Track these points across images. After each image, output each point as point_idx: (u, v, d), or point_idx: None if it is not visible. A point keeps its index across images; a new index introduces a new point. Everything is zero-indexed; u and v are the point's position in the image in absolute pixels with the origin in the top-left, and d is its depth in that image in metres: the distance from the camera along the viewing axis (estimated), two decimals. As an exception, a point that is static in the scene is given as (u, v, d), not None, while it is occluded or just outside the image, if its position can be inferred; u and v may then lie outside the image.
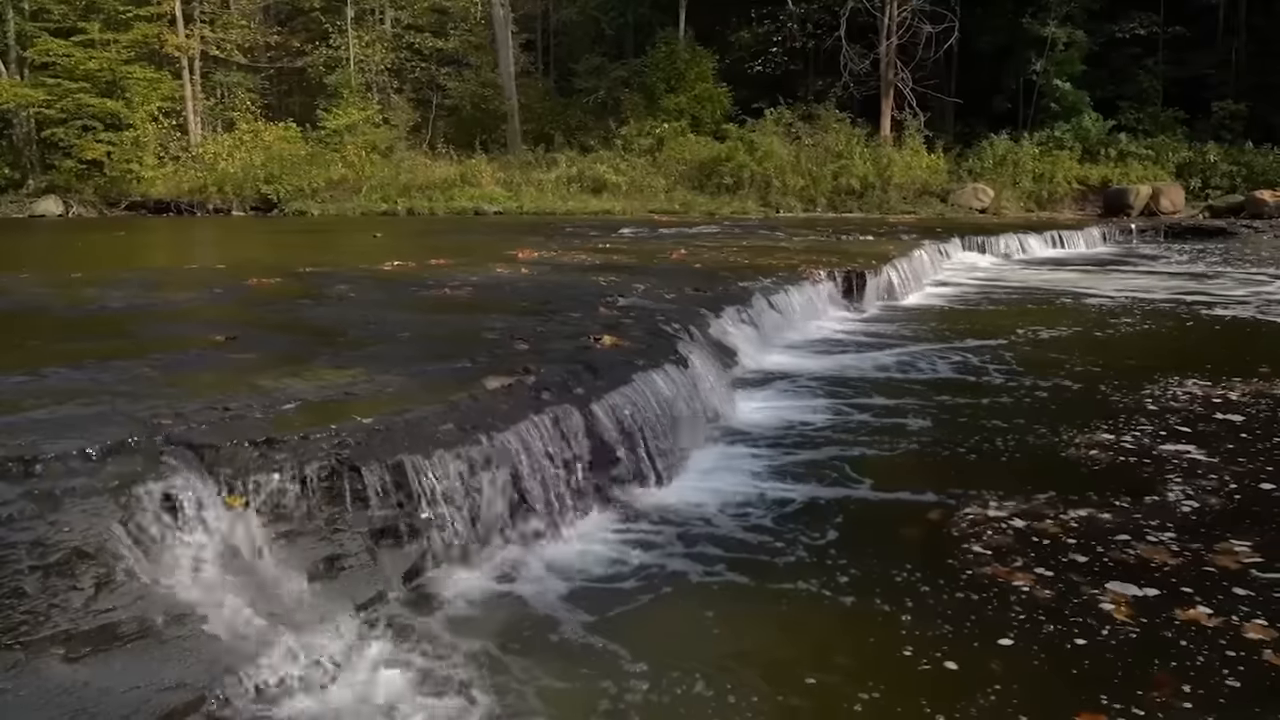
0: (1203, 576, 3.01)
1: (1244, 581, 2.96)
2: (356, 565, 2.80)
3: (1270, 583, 2.95)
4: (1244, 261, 13.68)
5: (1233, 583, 2.95)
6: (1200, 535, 3.34)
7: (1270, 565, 3.07)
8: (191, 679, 2.28)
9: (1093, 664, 2.50)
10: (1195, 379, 5.73)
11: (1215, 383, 5.63)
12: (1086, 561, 3.13)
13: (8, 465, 2.45)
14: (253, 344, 4.45)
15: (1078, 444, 4.47)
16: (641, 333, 5.08)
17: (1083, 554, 3.19)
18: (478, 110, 30.82)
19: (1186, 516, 3.52)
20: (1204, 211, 21.36)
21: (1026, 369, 6.17)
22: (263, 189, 25.80)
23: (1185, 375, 5.83)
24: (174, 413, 3.01)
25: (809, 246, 11.77)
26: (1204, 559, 3.14)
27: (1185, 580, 2.98)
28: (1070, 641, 2.61)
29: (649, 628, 2.77)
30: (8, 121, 28.30)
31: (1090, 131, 24.43)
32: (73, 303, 6.09)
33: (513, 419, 3.42)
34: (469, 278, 7.54)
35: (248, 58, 31.59)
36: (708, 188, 24.82)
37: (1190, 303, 9.44)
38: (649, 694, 2.39)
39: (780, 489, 3.89)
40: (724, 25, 29.10)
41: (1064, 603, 2.83)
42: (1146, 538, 3.32)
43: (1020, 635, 2.65)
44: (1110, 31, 25.57)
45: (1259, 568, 3.06)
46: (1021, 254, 14.63)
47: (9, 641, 2.12)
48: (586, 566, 3.16)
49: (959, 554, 3.22)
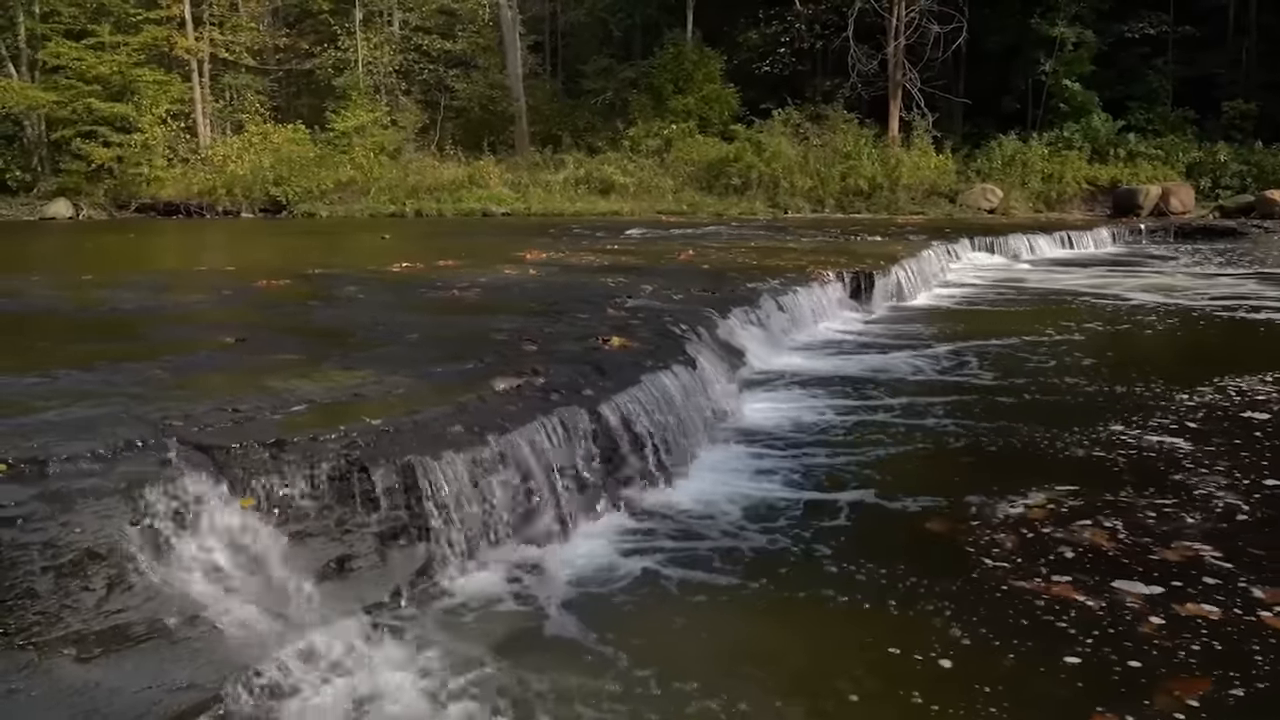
0: (1223, 575, 2.99)
1: (1261, 579, 2.95)
2: (366, 566, 2.81)
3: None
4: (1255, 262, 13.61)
5: (1252, 582, 2.94)
6: (1222, 534, 3.32)
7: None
8: (202, 679, 2.28)
9: (1106, 664, 2.49)
10: (1214, 378, 5.69)
11: (1236, 382, 5.60)
12: (1096, 562, 3.12)
13: (20, 466, 2.47)
14: (262, 346, 4.46)
15: (1087, 445, 4.45)
16: (650, 334, 5.08)
17: (1092, 554, 3.18)
18: (485, 112, 30.84)
19: (1207, 517, 3.51)
20: (1214, 212, 21.26)
21: (1035, 370, 6.15)
22: (271, 191, 25.87)
23: (1203, 375, 5.80)
24: (184, 414, 3.02)
25: (817, 247, 11.75)
26: (1226, 559, 3.12)
27: (1203, 579, 2.96)
28: (1082, 642, 2.60)
29: (658, 629, 2.77)
30: (19, 124, 28.43)
31: (1099, 132, 24.33)
32: (83, 305, 6.12)
33: (521, 420, 3.42)
34: (477, 279, 7.55)
35: (256, 60, 31.68)
36: (715, 188, 24.80)
37: (1202, 303, 9.39)
38: (656, 696, 2.39)
39: (788, 490, 3.89)
40: (732, 26, 29.07)
41: (1073, 602, 2.82)
42: (1163, 537, 3.30)
43: (1032, 637, 2.65)
44: (1119, 31, 25.46)
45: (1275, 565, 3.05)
46: (1030, 255, 14.58)
47: (21, 642, 2.13)
48: (595, 567, 3.16)
49: (969, 556, 3.21)
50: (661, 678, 2.46)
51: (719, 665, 2.54)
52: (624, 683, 2.44)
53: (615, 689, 2.42)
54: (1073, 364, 6.36)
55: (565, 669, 2.52)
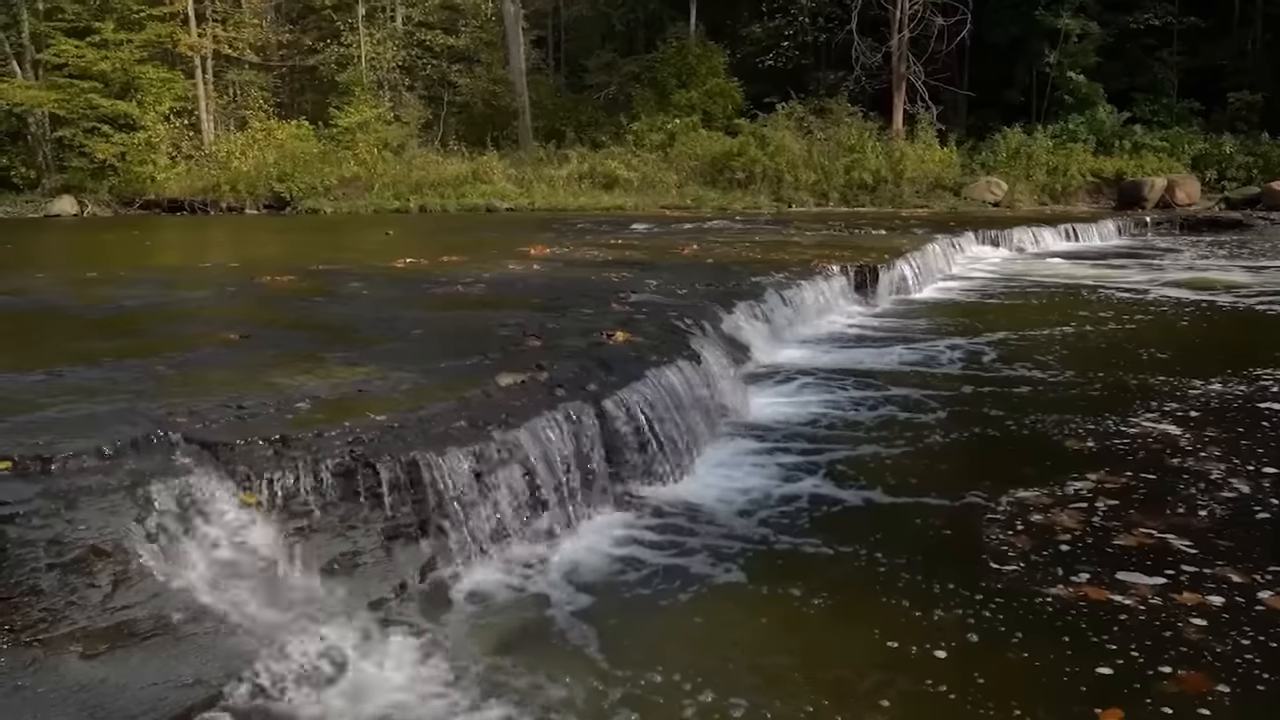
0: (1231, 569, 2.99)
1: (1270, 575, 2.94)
2: (371, 562, 2.81)
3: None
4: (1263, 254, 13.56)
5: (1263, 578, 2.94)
6: (1229, 527, 3.31)
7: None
8: (208, 675, 2.29)
9: (1115, 659, 2.49)
10: (1221, 372, 5.67)
11: (1244, 375, 5.58)
12: (1103, 557, 3.11)
13: (26, 463, 2.47)
14: (266, 342, 4.47)
15: (1094, 438, 4.44)
16: (654, 328, 5.08)
17: (1097, 550, 3.17)
18: (489, 107, 30.81)
19: (1215, 509, 3.50)
20: (1220, 204, 21.15)
21: (1039, 363, 6.13)
22: (275, 187, 25.86)
23: (1210, 368, 5.78)
24: (189, 411, 3.02)
25: (821, 241, 11.72)
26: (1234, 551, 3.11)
27: (1206, 571, 2.96)
28: (1092, 636, 2.60)
29: (661, 624, 2.77)
30: (23, 121, 28.46)
31: (1104, 124, 24.21)
32: (88, 302, 6.13)
33: (526, 415, 3.42)
34: (481, 274, 7.55)
35: (260, 56, 31.68)
36: (719, 183, 24.73)
37: (1209, 296, 9.35)
38: (660, 691, 2.39)
39: (793, 484, 3.89)
40: (735, 20, 28.99)
41: (1081, 597, 2.82)
42: (1168, 528, 3.30)
43: (1041, 631, 2.64)
44: (1124, 23, 25.32)
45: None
46: (1035, 247, 14.53)
47: (28, 639, 2.14)
48: (599, 562, 3.16)
49: (975, 549, 3.20)
50: (665, 673, 2.46)
51: (723, 661, 2.54)
52: (627, 677, 2.44)
53: (619, 684, 2.42)
54: (1078, 357, 6.34)
55: (569, 664, 2.52)
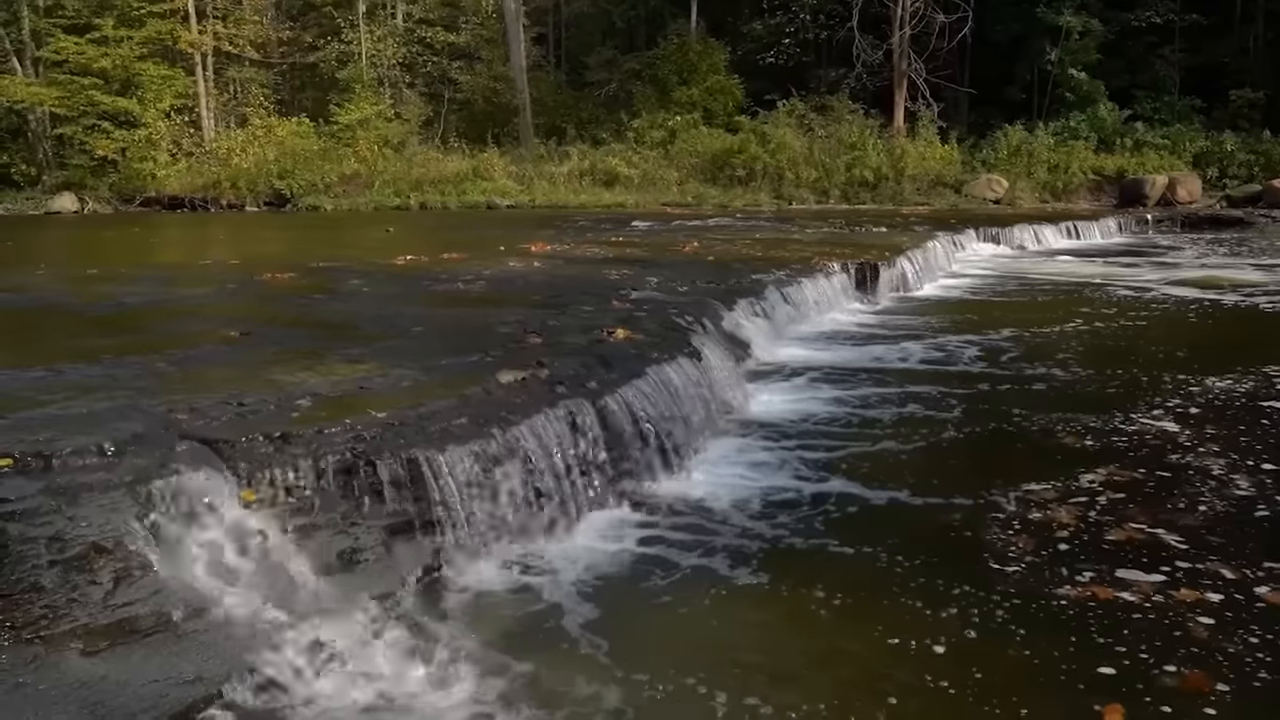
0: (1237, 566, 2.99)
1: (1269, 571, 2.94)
2: (372, 558, 2.81)
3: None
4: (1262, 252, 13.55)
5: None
6: (1234, 524, 3.31)
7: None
8: (209, 672, 2.29)
9: (1117, 655, 2.49)
10: (1222, 370, 5.67)
11: (1251, 372, 5.58)
12: (1106, 554, 3.11)
13: (27, 461, 2.47)
14: (267, 339, 4.47)
15: (1095, 435, 4.44)
16: (654, 326, 5.07)
17: (1098, 547, 3.17)
18: (489, 104, 30.79)
19: (1217, 506, 3.50)
20: (1221, 201, 21.14)
21: (1039, 360, 6.13)
22: (276, 184, 25.85)
23: (1212, 366, 5.77)
24: (190, 408, 3.02)
25: (822, 238, 11.72)
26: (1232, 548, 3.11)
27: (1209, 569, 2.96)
28: (1095, 632, 2.60)
29: (660, 621, 2.78)
30: (23, 118, 28.46)
31: (1106, 121, 24.18)
32: (89, 299, 6.13)
33: (526, 412, 3.42)
34: (481, 272, 7.55)
35: (260, 53, 31.67)
36: (720, 180, 24.71)
37: (1210, 295, 9.35)
38: (658, 688, 2.39)
39: (792, 481, 3.89)
40: (736, 17, 28.96)
41: (1086, 595, 2.82)
42: (1171, 525, 3.30)
43: (1045, 628, 2.64)
44: (1126, 20, 25.28)
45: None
46: (1036, 245, 14.53)
47: (29, 636, 2.14)
48: (599, 559, 3.16)
49: (975, 545, 3.20)
50: (665, 669, 2.46)
51: (724, 657, 2.54)
52: (628, 674, 2.44)
53: (619, 680, 2.42)
54: (1079, 354, 6.33)
55: (568, 659, 2.52)
